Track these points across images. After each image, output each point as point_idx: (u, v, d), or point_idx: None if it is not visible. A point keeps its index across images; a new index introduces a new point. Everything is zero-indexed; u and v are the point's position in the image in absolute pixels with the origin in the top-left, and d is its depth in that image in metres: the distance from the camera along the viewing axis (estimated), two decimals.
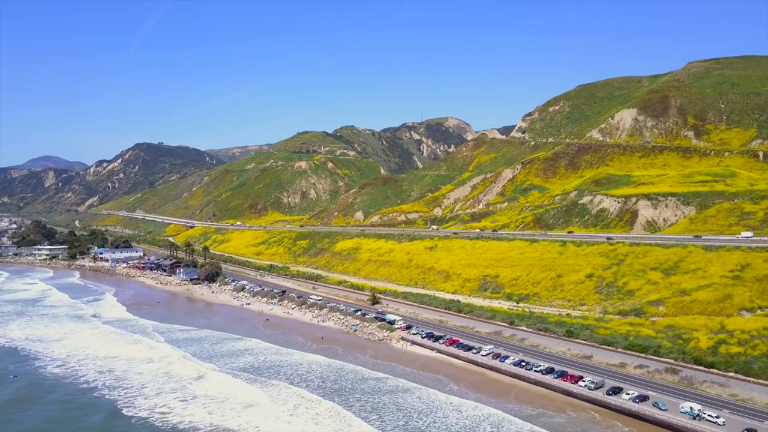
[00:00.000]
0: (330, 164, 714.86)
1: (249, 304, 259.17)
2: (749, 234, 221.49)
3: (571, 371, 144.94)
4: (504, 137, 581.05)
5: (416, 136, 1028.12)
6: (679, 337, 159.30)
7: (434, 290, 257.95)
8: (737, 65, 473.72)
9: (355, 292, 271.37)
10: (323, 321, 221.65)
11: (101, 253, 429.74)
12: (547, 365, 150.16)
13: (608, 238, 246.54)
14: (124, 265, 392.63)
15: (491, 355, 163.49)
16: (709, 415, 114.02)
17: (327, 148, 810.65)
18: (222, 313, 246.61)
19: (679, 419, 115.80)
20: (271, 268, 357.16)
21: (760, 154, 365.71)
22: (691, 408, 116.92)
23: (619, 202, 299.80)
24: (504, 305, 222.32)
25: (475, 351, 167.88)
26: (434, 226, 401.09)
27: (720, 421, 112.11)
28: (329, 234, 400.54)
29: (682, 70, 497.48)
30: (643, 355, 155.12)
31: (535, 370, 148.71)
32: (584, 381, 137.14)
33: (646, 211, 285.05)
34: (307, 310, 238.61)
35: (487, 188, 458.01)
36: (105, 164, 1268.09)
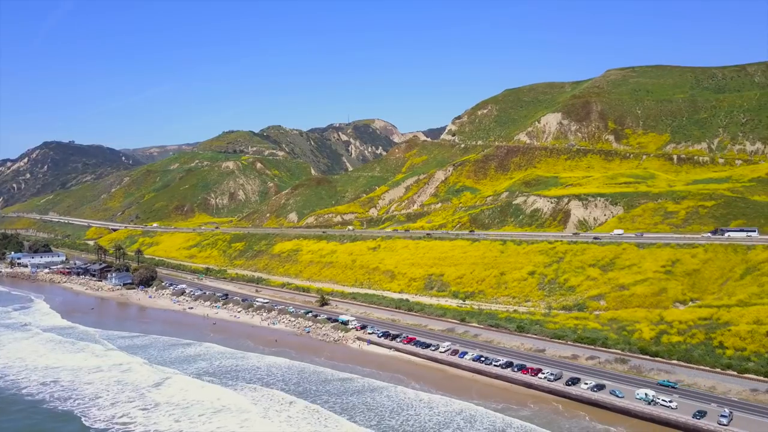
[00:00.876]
0: (259, 165, 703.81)
1: (192, 308, 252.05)
2: (620, 231, 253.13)
3: (529, 364, 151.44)
4: (435, 140, 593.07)
5: (344, 137, 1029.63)
6: (623, 329, 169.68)
7: (380, 290, 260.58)
8: (651, 74, 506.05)
9: (301, 294, 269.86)
10: (273, 323, 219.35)
11: (19, 258, 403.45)
12: (505, 360, 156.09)
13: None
14: (46, 270, 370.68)
15: (450, 351, 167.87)
16: (663, 400, 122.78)
17: (255, 148, 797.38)
18: (165, 319, 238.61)
19: (636, 405, 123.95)
20: (207, 272, 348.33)
21: (675, 157, 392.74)
22: (646, 394, 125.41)
23: (552, 203, 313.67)
24: (451, 303, 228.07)
25: (433, 348, 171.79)
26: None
27: (673, 405, 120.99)
28: (266, 236, 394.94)
29: (601, 77, 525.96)
30: (592, 347, 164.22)
31: (495, 365, 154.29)
32: (543, 373, 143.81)
33: (577, 211, 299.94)
34: (254, 313, 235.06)
35: (421, 189, 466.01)
36: (9, 164, 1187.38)
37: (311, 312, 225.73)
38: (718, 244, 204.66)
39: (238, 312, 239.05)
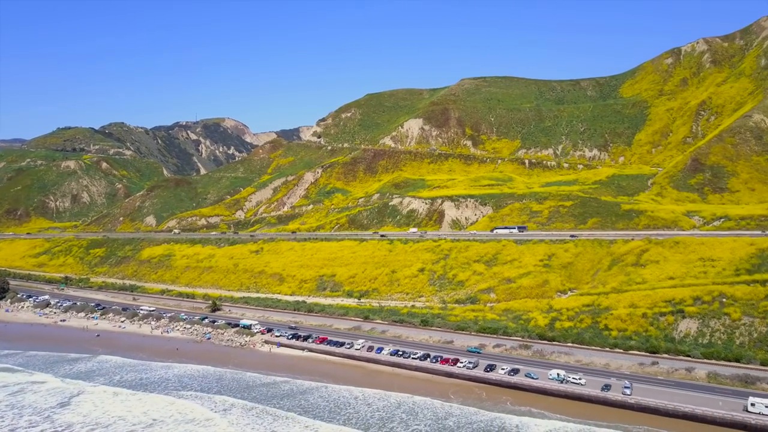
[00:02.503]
0: (104, 164, 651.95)
1: (65, 320, 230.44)
2: (415, 229, 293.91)
3: (446, 355, 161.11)
4: (300, 141, 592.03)
5: (193, 136, 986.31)
6: (519, 318, 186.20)
7: (270, 293, 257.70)
8: (501, 84, 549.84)
9: (187, 300, 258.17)
10: (167, 332, 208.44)
11: None
12: (422, 352, 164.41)
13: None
14: None
15: (365, 348, 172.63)
16: (573, 378, 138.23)
17: (97, 147, 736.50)
18: (35, 334, 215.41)
19: (551, 384, 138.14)
20: (67, 281, 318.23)
21: (526, 161, 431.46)
22: (557, 374, 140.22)
23: (427, 204, 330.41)
24: (347, 302, 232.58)
25: (348, 346, 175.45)
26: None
27: (582, 381, 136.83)
28: (130, 241, 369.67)
29: (456, 86, 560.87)
30: (495, 335, 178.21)
31: (413, 358, 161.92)
32: (462, 362, 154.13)
33: (450, 211, 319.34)
34: (141, 322, 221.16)
35: (290, 191, 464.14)
36: None
37: (207, 318, 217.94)
38: (585, 239, 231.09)
39: (122, 322, 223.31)
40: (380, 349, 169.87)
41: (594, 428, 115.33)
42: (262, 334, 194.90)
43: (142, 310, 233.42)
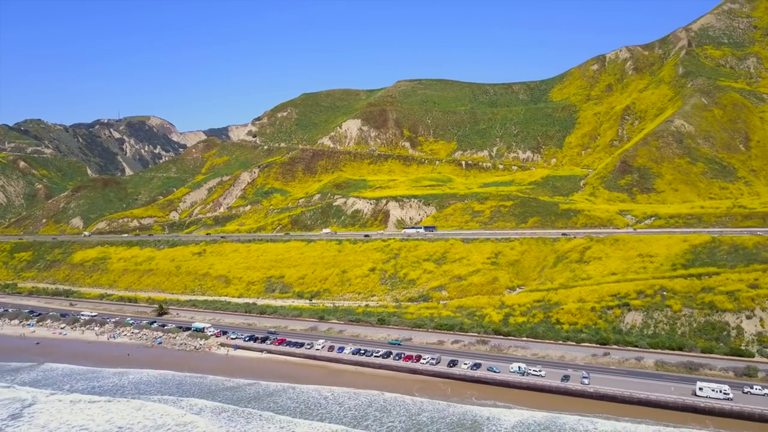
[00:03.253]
0: (22, 163, 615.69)
1: None
2: (328, 230, 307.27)
3: (407, 352, 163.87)
4: (235, 141, 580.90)
5: (117, 135, 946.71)
6: (473, 314, 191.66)
7: (217, 295, 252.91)
8: (436, 87, 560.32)
9: (130, 304, 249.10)
10: (114, 337, 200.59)
11: None
12: (384, 350, 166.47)
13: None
14: None
15: (326, 347, 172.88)
16: (533, 370, 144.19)
17: (12, 145, 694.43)
18: None
19: (513, 377, 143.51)
20: None
21: (463, 163, 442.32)
22: (519, 367, 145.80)
23: (371, 204, 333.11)
24: (299, 303, 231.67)
25: (308, 346, 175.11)
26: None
27: (542, 373, 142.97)
28: (60, 244, 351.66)
29: (393, 87, 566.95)
30: (452, 332, 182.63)
31: (376, 356, 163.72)
32: (425, 358, 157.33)
33: (395, 211, 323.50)
34: (84, 328, 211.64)
35: (226, 191, 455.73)
36: None
37: (155, 322, 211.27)
38: (529, 237, 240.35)
39: (62, 328, 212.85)
40: (341, 349, 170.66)
41: (560, 417, 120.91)
42: (217, 336, 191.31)
43: (83, 315, 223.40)
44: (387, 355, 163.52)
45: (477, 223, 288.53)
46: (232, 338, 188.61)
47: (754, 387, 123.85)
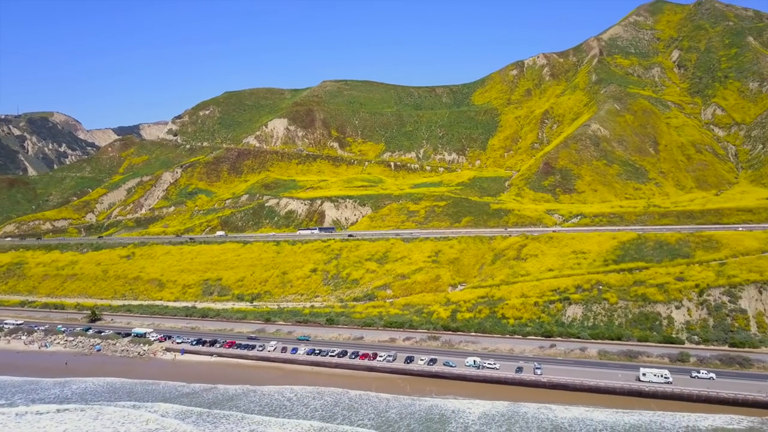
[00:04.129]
0: None
1: None
2: (222, 233, 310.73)
3: (363, 351, 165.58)
4: (154, 139, 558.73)
5: (17, 132, 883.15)
6: (421, 312, 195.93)
7: (150, 300, 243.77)
8: (361, 88, 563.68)
9: (56, 311, 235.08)
10: (46, 346, 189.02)
11: None
12: (339, 349, 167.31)
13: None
14: None
15: (279, 349, 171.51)
16: (488, 364, 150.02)
17: None
18: None
19: (469, 371, 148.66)
20: None
21: (392, 164, 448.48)
22: (474, 361, 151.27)
23: (306, 204, 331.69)
24: (239, 306, 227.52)
25: (260, 348, 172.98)
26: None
27: (497, 366, 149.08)
28: None
29: (318, 87, 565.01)
30: (402, 329, 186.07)
31: (331, 355, 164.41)
32: (381, 356, 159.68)
33: (330, 212, 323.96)
34: (9, 337, 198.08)
35: (147, 192, 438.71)
36: None
37: (90, 329, 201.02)
38: (467, 236, 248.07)
39: None
40: (295, 350, 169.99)
41: (520, 407, 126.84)
42: (161, 341, 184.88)
43: (6, 324, 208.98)
44: (343, 354, 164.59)
45: (413, 222, 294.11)
46: (177, 343, 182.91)
47: (701, 371, 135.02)
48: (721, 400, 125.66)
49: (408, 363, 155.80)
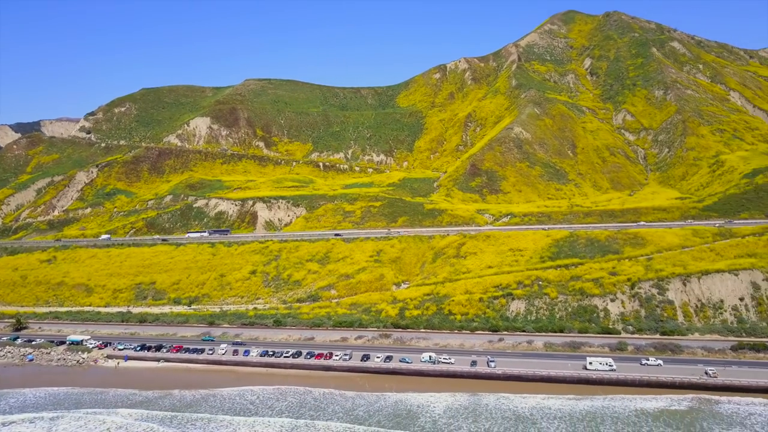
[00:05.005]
0: None
1: None
2: (107, 236, 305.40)
3: (318, 351, 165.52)
4: (66, 137, 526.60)
5: None
6: (368, 310, 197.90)
7: (78, 306, 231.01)
8: (286, 87, 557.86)
9: None
10: None
11: None
12: (293, 350, 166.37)
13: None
14: None
15: (230, 352, 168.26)
16: (443, 358, 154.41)
17: None
18: None
19: (426, 366, 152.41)
20: None
21: (321, 164, 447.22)
22: (429, 356, 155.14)
23: (237, 205, 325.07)
24: (177, 309, 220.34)
25: (210, 352, 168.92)
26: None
27: (452, 360, 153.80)
28: None
29: (241, 86, 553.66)
30: (352, 328, 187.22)
31: (285, 356, 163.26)
32: (337, 355, 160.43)
33: (263, 213, 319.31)
34: None
35: (60, 193, 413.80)
36: None
37: (18, 338, 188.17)
38: (406, 235, 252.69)
39: None
40: (247, 352, 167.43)
41: (480, 398, 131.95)
42: (101, 348, 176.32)
43: None
44: (297, 354, 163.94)
45: (350, 223, 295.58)
46: (119, 349, 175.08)
47: (650, 359, 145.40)
48: (660, 383, 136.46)
49: (365, 361, 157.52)
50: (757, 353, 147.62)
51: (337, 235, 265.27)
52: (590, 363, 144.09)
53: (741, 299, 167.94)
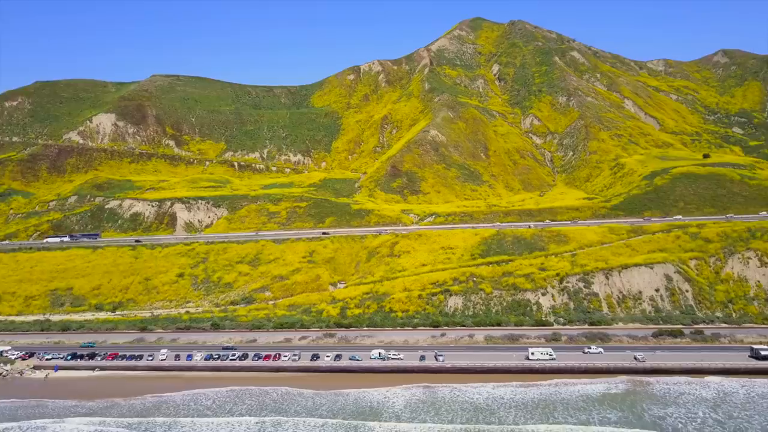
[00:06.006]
0: None
1: None
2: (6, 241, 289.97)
3: (265, 352, 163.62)
4: None
5: None
6: (308, 311, 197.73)
7: None
8: (196, 84, 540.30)
9: None
10: None
11: None
12: (240, 352, 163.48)
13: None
14: None
15: (172, 357, 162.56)
16: (393, 355, 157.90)
17: None
18: None
19: (377, 363, 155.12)
20: None
21: (236, 164, 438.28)
22: (379, 353, 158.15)
23: (154, 206, 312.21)
24: (101, 315, 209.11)
25: (149, 358, 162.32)
26: None
27: (401, 356, 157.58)
28: None
29: (148, 82, 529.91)
30: (294, 329, 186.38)
31: (232, 359, 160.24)
32: (286, 355, 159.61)
33: (183, 214, 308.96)
34: None
35: None
36: None
37: None
38: (339, 235, 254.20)
39: None
40: (190, 356, 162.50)
41: (435, 391, 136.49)
42: (24, 359, 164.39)
43: None
44: (244, 356, 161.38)
45: (275, 224, 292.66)
46: (47, 359, 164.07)
47: (592, 347, 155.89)
48: (597, 369, 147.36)
49: (315, 360, 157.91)
50: (675, 338, 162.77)
51: (259, 235, 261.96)
52: (532, 353, 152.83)
53: (657, 290, 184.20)
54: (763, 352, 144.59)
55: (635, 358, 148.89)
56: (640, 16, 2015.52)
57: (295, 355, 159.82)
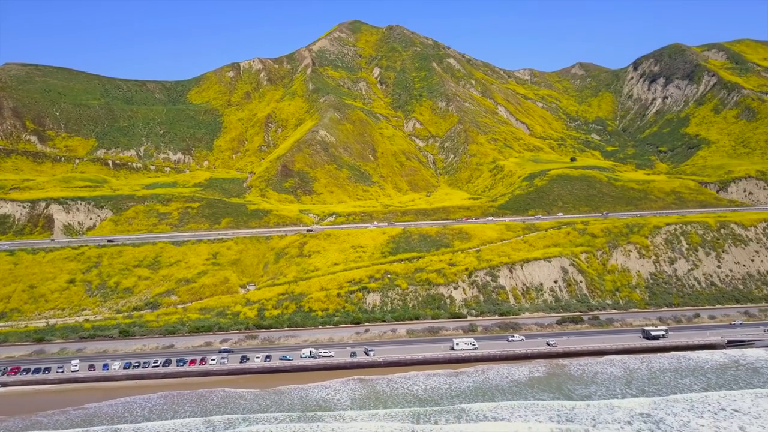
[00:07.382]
0: None
1: None
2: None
3: (188, 357, 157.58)
4: None
5: None
6: (223, 314, 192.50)
7: None
8: (58, 75, 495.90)
9: None
10: None
11: None
12: (163, 359, 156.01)
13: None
14: None
15: (86, 368, 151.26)
16: (324, 353, 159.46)
17: None
18: None
19: (310, 361, 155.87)
20: None
21: (110, 162, 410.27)
22: (310, 352, 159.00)
23: (26, 208, 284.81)
24: None
25: (59, 370, 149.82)
26: None
27: (332, 354, 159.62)
28: None
29: (1, 71, 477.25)
30: (212, 332, 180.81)
31: (154, 366, 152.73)
32: (213, 359, 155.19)
33: (60, 216, 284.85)
34: None
35: None
36: None
37: None
38: (243, 236, 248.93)
39: None
40: (106, 366, 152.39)
41: (373, 385, 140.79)
42: None
43: None
44: (167, 362, 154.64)
45: (167, 225, 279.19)
46: None
47: (515, 336, 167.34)
48: (517, 356, 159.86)
49: (244, 362, 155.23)
50: (576, 324, 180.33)
51: (155, 237, 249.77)
52: (457, 344, 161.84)
53: (555, 282, 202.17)
54: (653, 333, 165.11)
55: (548, 344, 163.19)
56: (508, 26, 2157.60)
57: (223, 358, 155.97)
